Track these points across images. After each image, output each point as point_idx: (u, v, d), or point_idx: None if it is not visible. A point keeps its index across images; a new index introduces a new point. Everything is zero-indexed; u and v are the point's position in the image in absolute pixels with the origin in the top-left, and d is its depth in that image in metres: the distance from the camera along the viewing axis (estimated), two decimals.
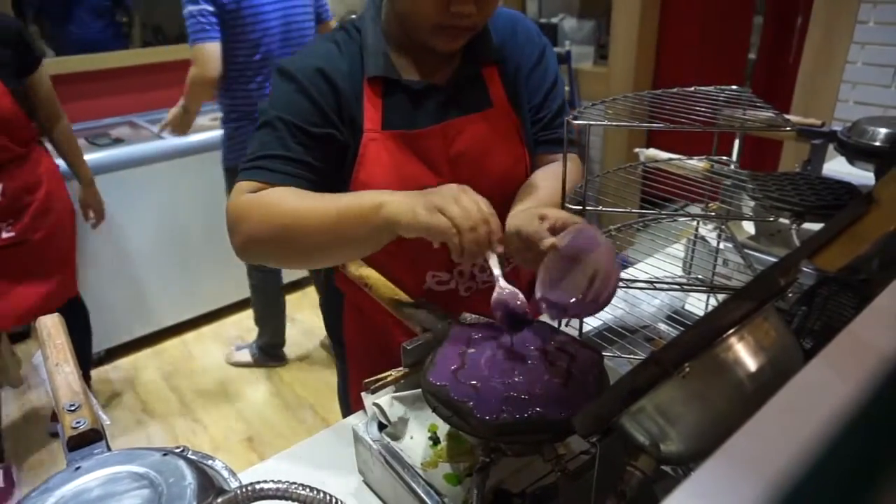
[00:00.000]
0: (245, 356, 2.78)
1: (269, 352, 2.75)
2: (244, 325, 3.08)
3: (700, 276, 1.21)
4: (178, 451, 0.56)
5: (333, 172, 0.94)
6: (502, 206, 1.01)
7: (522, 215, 0.84)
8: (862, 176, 1.40)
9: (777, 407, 0.34)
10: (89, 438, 0.59)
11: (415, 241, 0.98)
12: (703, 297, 1.13)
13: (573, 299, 0.71)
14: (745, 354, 0.44)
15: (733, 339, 0.43)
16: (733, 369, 0.44)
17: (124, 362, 2.82)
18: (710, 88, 1.00)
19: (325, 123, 0.91)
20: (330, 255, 0.90)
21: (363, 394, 0.78)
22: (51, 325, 0.73)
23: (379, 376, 0.78)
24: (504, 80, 1.02)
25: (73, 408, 0.60)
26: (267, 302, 2.69)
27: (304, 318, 3.09)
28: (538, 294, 0.74)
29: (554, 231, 0.77)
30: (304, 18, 2.24)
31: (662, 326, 1.13)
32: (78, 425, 0.58)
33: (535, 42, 1.08)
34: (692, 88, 1.00)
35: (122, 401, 2.58)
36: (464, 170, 0.98)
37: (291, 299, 3.15)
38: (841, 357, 0.35)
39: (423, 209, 0.76)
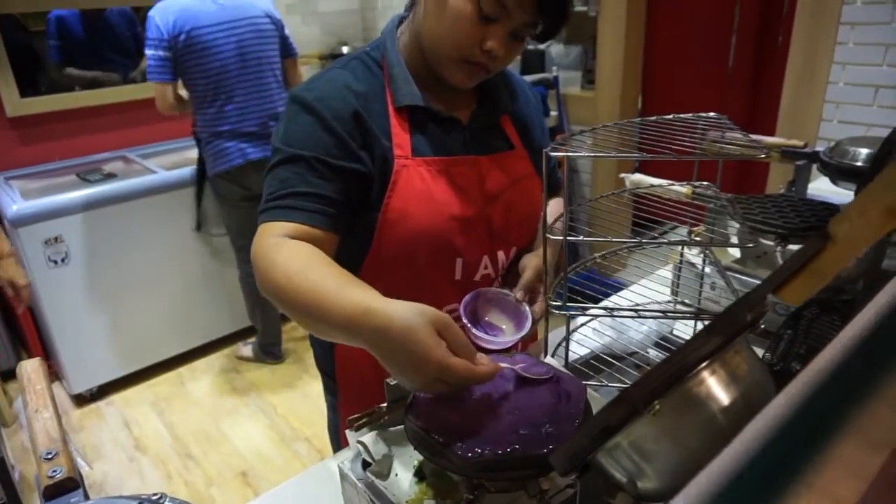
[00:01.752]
0: (248, 352, 3.01)
1: (266, 349, 2.95)
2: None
3: (687, 301, 1.21)
4: (155, 497, 0.56)
5: (358, 204, 0.93)
6: (529, 246, 1.09)
7: (525, 261, 1.02)
8: (847, 195, 1.42)
9: (741, 443, 0.34)
10: (66, 487, 0.58)
11: (432, 276, 0.99)
12: (692, 321, 1.13)
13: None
14: (715, 390, 0.44)
15: (703, 375, 0.43)
16: (704, 405, 0.44)
17: (117, 398, 2.79)
18: (689, 116, 1.02)
19: (348, 156, 0.90)
20: (314, 333, 0.86)
21: (347, 431, 0.77)
22: (31, 371, 0.73)
23: (363, 413, 0.78)
24: (514, 126, 1.07)
25: (49, 456, 0.59)
26: (255, 297, 2.77)
27: (298, 349, 3.07)
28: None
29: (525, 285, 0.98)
30: (260, 48, 2.48)
31: (652, 352, 1.13)
32: (54, 474, 0.57)
33: (528, 95, 1.14)
34: (671, 116, 1.01)
35: (114, 437, 2.55)
36: (498, 208, 1.01)
37: (288, 329, 3.14)
38: (805, 387, 0.35)
39: (421, 375, 0.66)
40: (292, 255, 0.81)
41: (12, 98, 2.79)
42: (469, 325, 0.90)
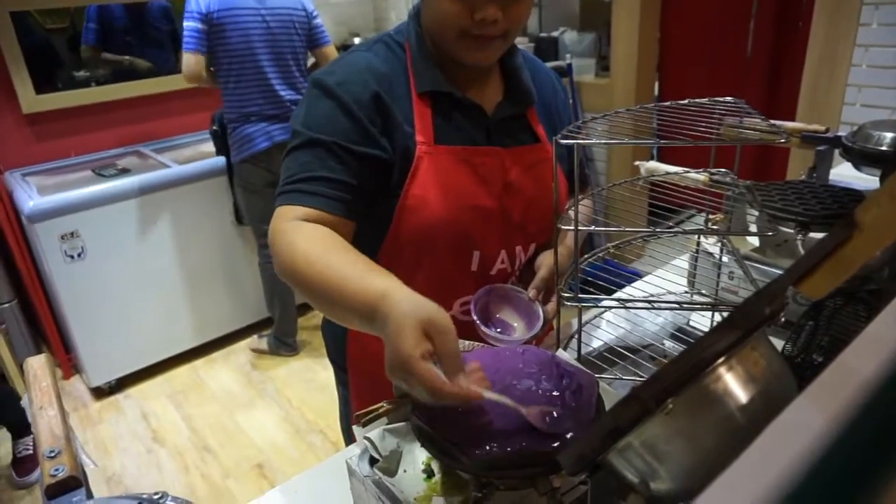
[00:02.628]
0: (263, 344, 3.01)
1: (282, 340, 2.96)
2: None
3: (704, 291, 1.18)
4: (156, 497, 0.55)
5: (375, 191, 0.92)
6: (548, 243, 1.05)
7: (541, 259, 1.01)
8: (871, 181, 1.37)
9: (759, 449, 0.32)
10: (68, 486, 0.57)
11: (448, 267, 0.97)
12: (709, 312, 1.10)
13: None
14: (732, 387, 0.42)
15: (719, 372, 0.41)
16: (719, 403, 0.41)
17: (135, 391, 2.82)
18: (705, 101, 0.99)
19: (367, 142, 0.88)
20: (331, 317, 0.84)
21: (354, 427, 0.76)
22: (37, 367, 0.73)
23: (370, 408, 0.76)
24: (539, 118, 1.04)
25: (52, 454, 0.59)
26: (274, 284, 2.82)
27: (313, 340, 3.08)
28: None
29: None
30: (288, 37, 2.54)
31: (667, 344, 1.11)
32: (56, 473, 0.57)
33: (555, 84, 1.11)
34: (686, 101, 0.98)
35: (132, 430, 2.58)
36: (518, 202, 0.99)
37: (302, 321, 3.14)
38: (827, 393, 0.32)
39: (390, 364, 0.64)
40: (312, 239, 0.81)
41: (28, 95, 2.81)
42: (478, 322, 0.89)
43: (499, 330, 0.92)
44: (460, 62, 0.92)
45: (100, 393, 2.79)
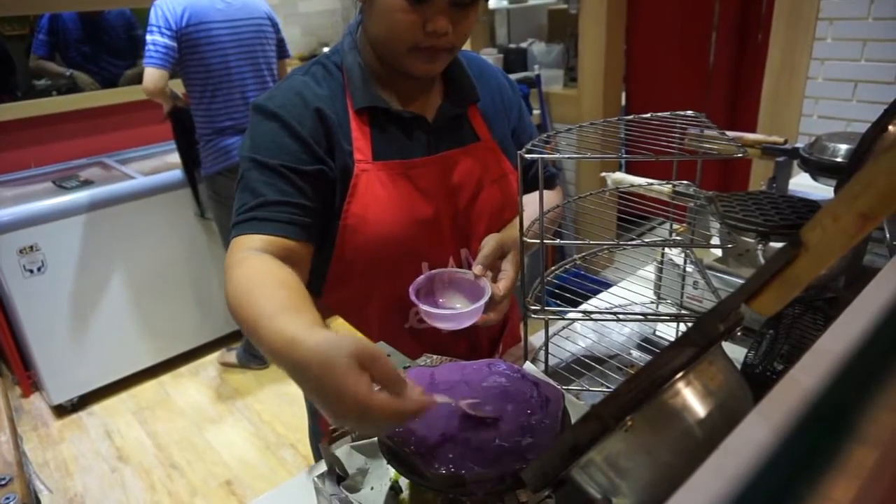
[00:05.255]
0: (232, 357, 2.94)
1: (251, 352, 2.89)
2: None
3: (669, 300, 1.20)
4: None
5: (327, 210, 0.92)
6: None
7: (486, 239, 0.96)
8: (827, 191, 1.41)
9: (713, 465, 0.32)
10: None
11: (399, 281, 0.96)
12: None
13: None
14: (690, 402, 0.42)
15: (676, 388, 0.42)
16: (678, 418, 0.42)
17: (99, 408, 2.75)
18: (667, 114, 1.01)
19: (314, 159, 0.89)
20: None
21: (321, 445, 0.75)
22: None
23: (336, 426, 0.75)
24: (483, 116, 1.04)
25: (3, 482, 0.57)
26: None
27: None
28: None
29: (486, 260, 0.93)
30: (261, 48, 2.53)
31: (635, 353, 1.12)
32: (7, 501, 0.55)
33: (501, 82, 1.11)
34: (648, 115, 1.00)
35: (96, 448, 2.51)
36: (461, 201, 0.99)
37: None
38: (775, 408, 0.33)
39: (337, 411, 0.59)
40: (249, 272, 0.78)
41: None
42: (416, 301, 0.87)
43: (441, 301, 0.91)
44: (408, 74, 0.92)
45: (61, 411, 2.71)
